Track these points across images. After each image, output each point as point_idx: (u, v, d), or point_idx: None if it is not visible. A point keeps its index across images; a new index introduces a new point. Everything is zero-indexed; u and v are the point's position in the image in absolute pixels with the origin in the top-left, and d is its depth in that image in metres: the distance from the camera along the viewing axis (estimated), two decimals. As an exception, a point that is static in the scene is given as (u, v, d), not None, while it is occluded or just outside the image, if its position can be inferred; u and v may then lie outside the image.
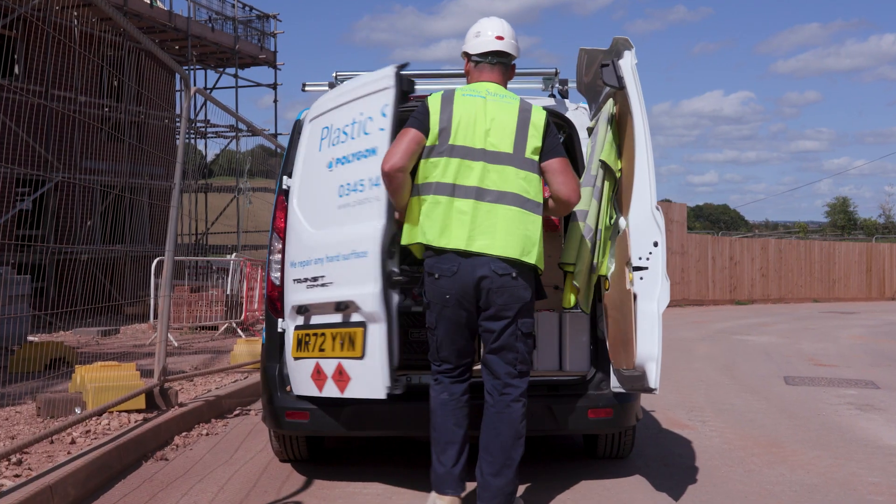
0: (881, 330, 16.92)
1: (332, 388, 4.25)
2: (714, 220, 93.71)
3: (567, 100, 5.28)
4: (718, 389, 8.46)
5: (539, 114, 4.13)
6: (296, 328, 4.48)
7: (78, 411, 5.73)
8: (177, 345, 11.27)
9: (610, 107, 4.66)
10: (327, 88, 5.19)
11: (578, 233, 4.49)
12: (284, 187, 4.78)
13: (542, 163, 4.09)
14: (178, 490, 4.65)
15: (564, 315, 4.93)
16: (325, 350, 4.27)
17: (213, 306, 13.59)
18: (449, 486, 4.04)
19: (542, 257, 4.10)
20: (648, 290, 4.10)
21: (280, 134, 23.33)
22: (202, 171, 24.04)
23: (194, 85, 7.27)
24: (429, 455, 4.14)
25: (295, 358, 4.47)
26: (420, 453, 4.22)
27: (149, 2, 19.28)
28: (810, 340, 14.13)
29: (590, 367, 4.74)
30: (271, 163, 26.35)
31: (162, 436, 5.70)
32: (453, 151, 4.01)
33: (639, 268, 4.13)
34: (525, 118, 4.09)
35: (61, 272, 15.05)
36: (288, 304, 4.56)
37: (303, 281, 4.42)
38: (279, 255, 4.72)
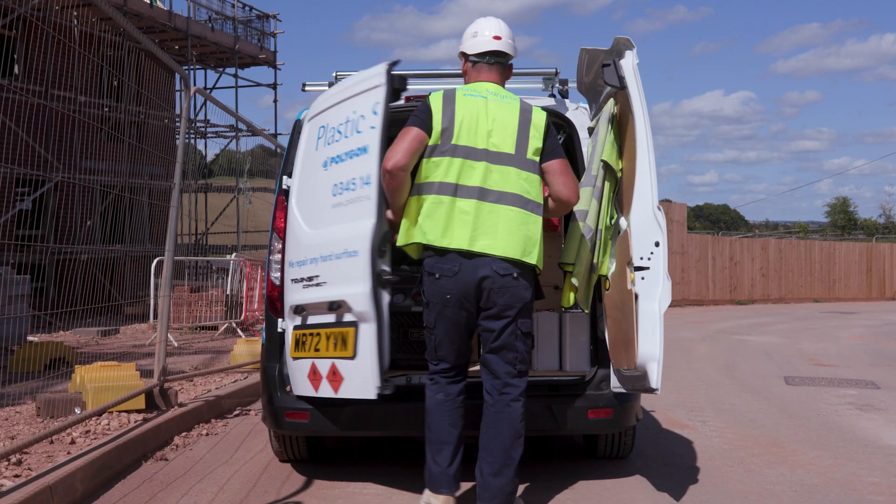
0: (881, 330, 16.92)
1: (326, 389, 4.23)
2: (714, 220, 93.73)
3: (567, 100, 5.27)
4: (719, 389, 8.46)
5: (539, 115, 4.14)
6: (294, 328, 4.47)
7: (78, 411, 5.73)
8: (177, 345, 11.27)
9: (611, 107, 4.65)
10: (327, 88, 5.16)
11: (578, 233, 4.49)
12: (284, 187, 4.76)
13: (542, 164, 4.09)
14: (178, 490, 4.65)
15: (564, 315, 4.92)
16: (319, 350, 4.24)
17: (212, 306, 13.59)
18: (444, 485, 4.04)
19: (542, 257, 4.11)
20: (650, 289, 4.09)
21: (280, 134, 23.36)
22: (202, 171, 24.04)
23: (194, 85, 7.27)
24: (428, 455, 4.12)
25: (293, 358, 4.46)
26: (420, 454, 4.21)
27: (149, 2, 19.28)
28: (810, 340, 14.13)
29: (590, 366, 4.74)
30: (271, 163, 26.35)
31: (162, 436, 5.70)
32: (456, 151, 4.00)
33: (640, 268, 4.13)
34: (526, 119, 4.09)
35: (61, 272, 15.04)
36: (287, 304, 4.55)
37: (300, 281, 4.40)
38: (279, 255, 4.70)
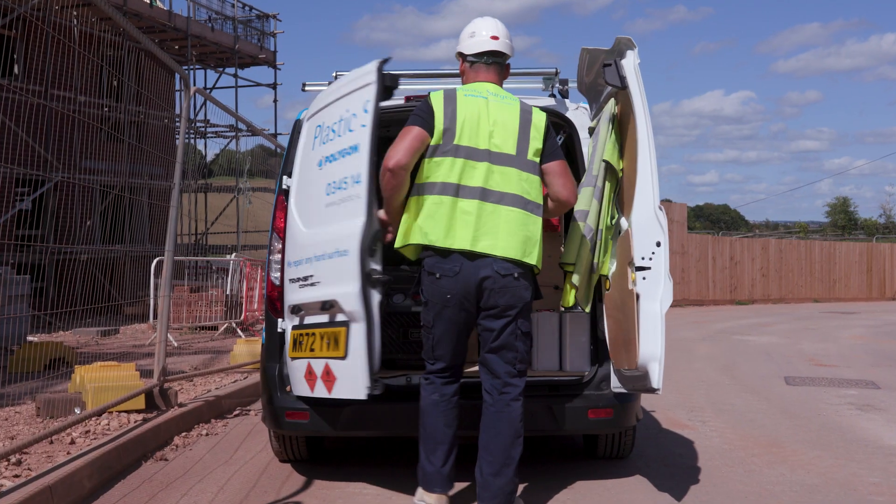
0: (882, 330, 16.91)
1: (321, 389, 4.22)
2: (714, 220, 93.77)
3: (567, 100, 5.27)
4: (719, 389, 8.45)
5: (539, 116, 4.14)
6: (292, 328, 4.47)
7: (77, 411, 5.73)
8: (176, 345, 11.26)
9: (612, 107, 4.64)
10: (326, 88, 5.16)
11: (579, 233, 4.48)
12: (284, 187, 4.76)
13: (542, 165, 4.09)
14: (178, 490, 4.64)
15: (564, 315, 4.92)
16: (314, 350, 4.23)
17: (212, 306, 13.58)
18: (437, 484, 4.04)
19: (542, 258, 4.11)
20: (651, 290, 4.09)
21: (280, 134, 23.36)
22: (202, 170, 24.03)
23: (194, 85, 7.27)
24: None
25: (291, 358, 4.46)
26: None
27: (148, 1, 19.28)
28: (811, 340, 14.13)
29: (590, 366, 4.73)
30: (271, 163, 26.36)
31: (162, 436, 5.69)
32: (458, 152, 3.99)
33: (641, 268, 4.12)
34: (526, 120, 4.09)
35: (61, 272, 15.03)
36: (286, 304, 4.54)
37: (297, 281, 4.39)
38: (279, 255, 4.70)
